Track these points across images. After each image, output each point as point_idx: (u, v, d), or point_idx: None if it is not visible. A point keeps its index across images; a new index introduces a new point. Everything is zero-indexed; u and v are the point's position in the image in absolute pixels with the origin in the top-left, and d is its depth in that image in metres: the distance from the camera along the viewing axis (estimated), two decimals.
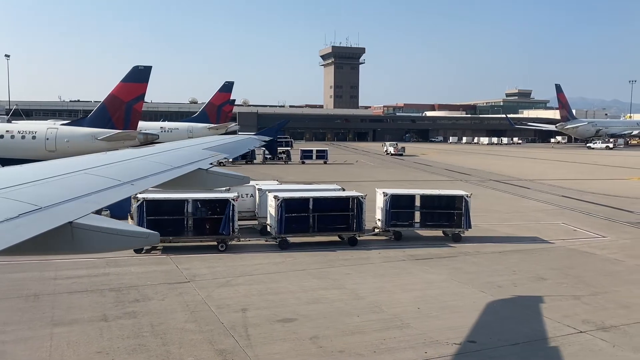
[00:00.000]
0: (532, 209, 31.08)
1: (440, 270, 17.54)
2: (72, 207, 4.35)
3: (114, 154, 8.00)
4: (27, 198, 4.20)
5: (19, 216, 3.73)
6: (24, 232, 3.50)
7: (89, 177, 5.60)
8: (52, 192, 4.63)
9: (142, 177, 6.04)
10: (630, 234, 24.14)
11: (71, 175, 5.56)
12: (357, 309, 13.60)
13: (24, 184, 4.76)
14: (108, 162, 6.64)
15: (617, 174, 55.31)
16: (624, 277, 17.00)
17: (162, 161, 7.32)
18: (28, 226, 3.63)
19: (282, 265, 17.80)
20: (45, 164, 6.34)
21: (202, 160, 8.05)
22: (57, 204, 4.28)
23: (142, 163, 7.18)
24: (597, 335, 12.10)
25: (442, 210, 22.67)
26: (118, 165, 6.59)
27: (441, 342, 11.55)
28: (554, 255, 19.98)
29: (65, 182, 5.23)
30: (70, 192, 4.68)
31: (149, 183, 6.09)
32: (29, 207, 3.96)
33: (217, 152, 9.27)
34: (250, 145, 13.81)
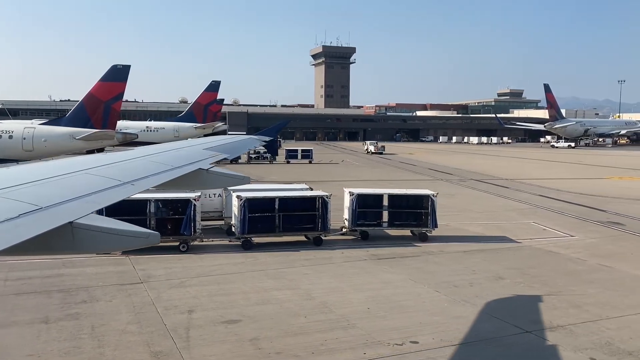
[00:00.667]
0: (506, 209, 31.09)
1: (399, 270, 17.44)
2: (72, 207, 4.35)
3: (115, 154, 8.00)
4: (28, 198, 4.21)
5: (20, 216, 3.73)
6: (24, 232, 3.50)
7: (90, 177, 5.60)
8: (52, 192, 4.64)
9: (143, 177, 6.03)
10: (598, 233, 24.17)
11: (71, 175, 5.57)
12: (305, 309, 13.47)
13: (25, 184, 4.76)
14: (108, 162, 6.65)
15: (599, 173, 55.56)
16: (582, 277, 16.98)
17: (163, 161, 7.32)
18: (28, 226, 3.64)
19: (241, 265, 17.64)
20: (46, 164, 6.34)
21: (202, 160, 8.05)
22: (58, 204, 4.27)
23: (143, 163, 7.19)
24: (542, 335, 12.04)
25: (409, 209, 22.60)
26: (118, 166, 6.60)
27: (383, 342, 11.45)
28: (518, 254, 19.95)
29: (66, 182, 5.24)
30: (70, 192, 4.69)
31: (150, 183, 6.07)
32: (30, 207, 3.96)
33: (217, 152, 9.24)
34: (250, 145, 13.66)
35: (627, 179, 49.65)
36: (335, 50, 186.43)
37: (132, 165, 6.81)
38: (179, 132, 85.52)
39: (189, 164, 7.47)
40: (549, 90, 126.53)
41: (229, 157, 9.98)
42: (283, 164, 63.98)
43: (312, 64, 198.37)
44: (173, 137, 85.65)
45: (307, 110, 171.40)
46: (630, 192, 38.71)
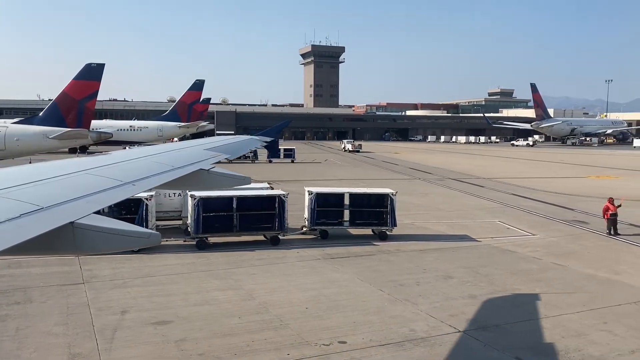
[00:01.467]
0: (475, 207, 31.07)
1: (350, 269, 17.32)
2: (73, 207, 4.35)
3: (116, 154, 8.00)
4: (29, 198, 4.21)
5: (21, 216, 3.74)
6: (25, 232, 3.50)
7: (91, 177, 5.59)
8: (53, 192, 4.64)
9: (144, 177, 6.04)
10: (561, 232, 24.18)
11: (72, 175, 5.57)
12: (242, 310, 13.31)
13: (26, 184, 4.77)
14: (109, 163, 6.66)
15: (580, 172, 55.80)
16: (531, 276, 16.92)
17: (164, 161, 7.33)
18: (29, 226, 3.64)
19: (190, 266, 17.44)
20: (47, 164, 6.40)
21: (203, 160, 8.04)
22: (59, 204, 4.27)
23: (144, 163, 7.19)
24: (475, 334, 11.96)
25: (370, 208, 22.49)
26: (119, 166, 6.62)
27: (311, 342, 11.31)
28: (474, 253, 19.88)
29: (67, 182, 5.25)
30: (71, 192, 4.69)
31: (151, 183, 6.08)
32: (31, 207, 3.96)
33: (218, 153, 9.23)
34: (251, 145, 13.67)
35: (604, 177, 49.87)
36: (325, 49, 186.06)
37: (133, 166, 6.84)
38: (163, 131, 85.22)
39: (190, 164, 7.47)
40: (536, 90, 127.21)
41: (230, 157, 10.03)
42: (265, 164, 63.69)
43: (302, 63, 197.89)
44: (157, 137, 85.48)
45: (295, 110, 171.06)
46: (604, 191, 38.71)
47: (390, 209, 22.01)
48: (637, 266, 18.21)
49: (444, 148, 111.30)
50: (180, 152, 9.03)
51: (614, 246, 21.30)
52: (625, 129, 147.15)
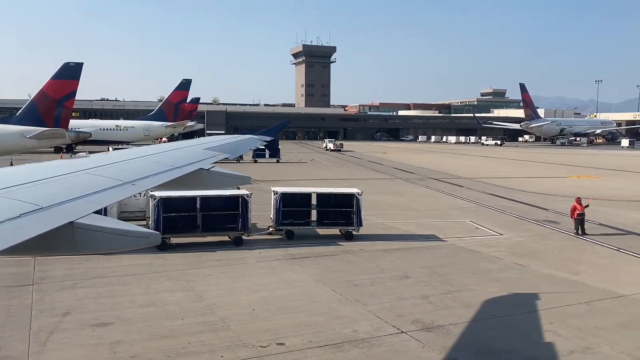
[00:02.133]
0: (450, 207, 31.02)
1: (308, 269, 17.17)
2: (73, 207, 4.35)
3: (115, 154, 7.97)
4: (28, 198, 4.21)
5: (20, 216, 3.73)
6: (25, 232, 3.49)
7: (90, 177, 5.59)
8: (53, 192, 4.63)
9: (144, 177, 6.03)
10: (530, 231, 24.14)
11: (72, 175, 5.57)
12: (187, 311, 13.13)
13: (25, 184, 4.77)
14: (109, 162, 6.68)
15: (563, 172, 55.95)
16: (490, 276, 16.85)
17: (163, 161, 7.33)
18: (29, 226, 3.64)
19: (146, 267, 17.23)
20: (46, 164, 6.43)
21: (203, 160, 8.03)
22: (58, 203, 4.27)
23: (143, 163, 7.20)
24: (416, 335, 11.84)
25: (337, 208, 22.37)
26: (119, 165, 6.62)
27: (248, 344, 11.16)
28: (437, 253, 19.79)
29: (66, 182, 5.24)
30: (71, 192, 4.69)
31: (151, 183, 6.08)
32: (30, 207, 3.96)
33: (218, 152, 9.19)
34: (251, 145, 13.61)
35: (585, 177, 50.03)
36: (316, 49, 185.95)
37: (133, 166, 6.83)
38: (149, 130, 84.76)
39: (190, 163, 7.44)
40: (524, 90, 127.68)
41: (230, 157, 9.97)
42: (250, 164, 63.45)
43: (293, 63, 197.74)
44: (143, 136, 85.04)
45: (287, 110, 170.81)
46: (582, 191, 38.77)
47: (356, 209, 21.90)
48: (597, 266, 18.19)
49: (433, 148, 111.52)
50: (179, 151, 9.03)
51: (579, 246, 21.28)
52: (615, 129, 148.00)
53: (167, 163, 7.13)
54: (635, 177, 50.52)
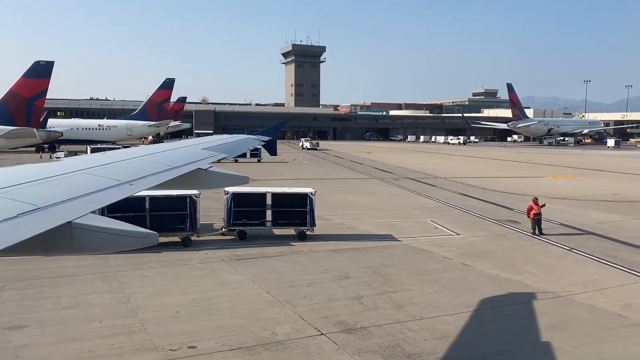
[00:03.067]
0: (416, 207, 30.87)
1: (249, 270, 16.93)
2: (71, 206, 4.33)
3: (113, 154, 7.97)
4: (26, 198, 4.20)
5: (18, 216, 3.72)
6: (22, 232, 3.49)
7: (88, 177, 5.59)
8: (50, 192, 4.63)
9: (141, 176, 6.04)
10: (488, 231, 24.02)
11: (70, 175, 5.56)
12: (109, 314, 12.86)
13: (23, 184, 4.75)
14: (107, 162, 6.68)
15: (541, 171, 56.04)
16: (431, 276, 16.67)
17: (161, 161, 7.34)
18: (27, 226, 3.63)
19: (86, 267, 16.93)
20: (44, 164, 6.41)
21: (201, 160, 8.02)
22: (56, 203, 4.26)
23: (141, 163, 7.23)
24: (335, 337, 11.64)
25: (291, 208, 22.16)
26: (116, 165, 6.63)
27: (159, 348, 10.92)
28: (386, 253, 19.60)
29: (64, 182, 5.24)
30: (69, 192, 4.68)
31: (148, 183, 6.05)
32: (28, 207, 3.95)
33: (216, 152, 9.18)
34: (249, 145, 13.54)
35: (561, 177, 50.11)
36: (305, 48, 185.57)
37: (131, 165, 6.85)
38: (132, 130, 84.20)
39: (188, 163, 7.45)
40: (512, 89, 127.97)
41: (228, 157, 9.97)
42: (230, 163, 62.97)
43: (283, 63, 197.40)
44: (126, 135, 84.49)
45: (276, 109, 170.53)
46: (553, 190, 38.95)
47: (309, 208, 21.71)
48: (544, 266, 18.07)
49: (419, 148, 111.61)
50: (177, 151, 9.06)
51: (532, 246, 21.16)
52: (602, 129, 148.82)
53: (165, 163, 7.15)
54: (611, 177, 50.66)
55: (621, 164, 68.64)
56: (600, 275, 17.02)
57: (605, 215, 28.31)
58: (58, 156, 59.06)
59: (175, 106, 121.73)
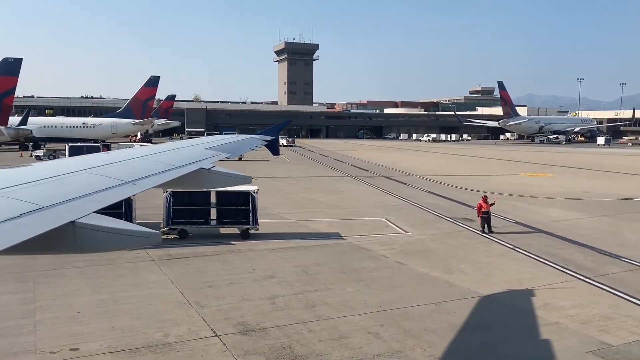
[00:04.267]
0: (378, 205, 30.56)
1: (174, 270, 16.61)
2: (74, 206, 4.35)
3: (116, 153, 8.07)
4: (29, 197, 4.22)
5: (21, 215, 3.74)
6: (26, 232, 3.50)
7: (91, 177, 5.60)
8: (54, 192, 4.64)
9: (144, 176, 6.06)
10: (438, 229, 23.71)
11: (73, 175, 5.58)
12: (7, 315, 12.56)
13: (26, 184, 4.78)
14: (109, 162, 6.72)
15: (519, 169, 55.77)
16: (358, 275, 16.34)
17: (164, 161, 7.38)
18: (30, 226, 3.64)
19: (10, 267, 16.56)
20: (47, 164, 6.48)
21: (203, 159, 8.03)
22: (59, 203, 4.27)
23: (144, 163, 7.26)
24: (228, 339, 11.32)
25: (236, 207, 21.86)
26: (119, 165, 6.67)
27: (39, 350, 10.60)
28: (324, 251, 19.26)
29: (67, 181, 5.27)
30: (72, 192, 4.68)
31: (151, 182, 6.05)
32: (31, 207, 3.97)
33: (218, 152, 9.20)
34: (252, 144, 13.51)
35: (537, 175, 49.83)
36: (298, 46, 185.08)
37: (133, 165, 6.88)
38: (117, 128, 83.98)
39: (190, 163, 7.47)
40: (503, 87, 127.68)
41: (231, 156, 9.93)
42: None
43: (276, 61, 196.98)
44: (110, 134, 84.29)
45: (269, 107, 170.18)
46: (523, 188, 38.68)
47: (252, 207, 21.41)
48: (479, 265, 17.75)
49: (408, 146, 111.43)
50: (180, 151, 9.11)
51: (477, 244, 20.84)
52: (594, 127, 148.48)
53: (168, 162, 7.16)
54: (588, 175, 50.39)
55: (604, 161, 68.38)
56: (532, 274, 16.71)
57: (564, 213, 28.00)
58: (37, 154, 58.77)
59: (165, 104, 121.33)
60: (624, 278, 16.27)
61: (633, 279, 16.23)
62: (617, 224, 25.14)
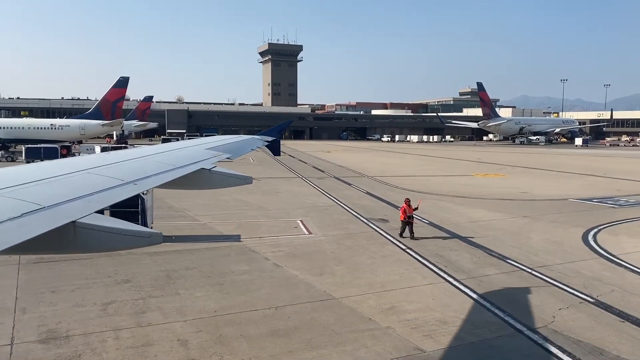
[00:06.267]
0: (303, 206, 30.02)
1: (29, 275, 15.90)
2: (75, 206, 4.33)
3: (117, 154, 8.03)
4: (30, 197, 4.21)
5: (22, 215, 3.75)
6: (27, 232, 3.51)
7: (92, 177, 5.61)
8: (55, 192, 4.64)
9: (145, 176, 6.06)
10: (345, 231, 23.13)
11: (74, 174, 5.58)
12: None
13: (27, 184, 4.78)
14: (110, 162, 6.71)
15: (476, 170, 55.43)
16: (223, 279, 15.74)
17: (165, 161, 7.37)
18: (31, 225, 3.65)
19: None
20: (48, 164, 6.46)
21: (204, 160, 8.04)
22: (60, 203, 4.25)
23: (145, 163, 7.27)
24: (19, 347, 10.69)
25: (125, 208, 21.22)
26: (120, 165, 6.67)
27: None
28: (209, 254, 18.59)
29: (68, 181, 5.27)
30: (73, 192, 4.68)
31: (152, 182, 6.06)
32: (32, 207, 3.97)
33: (219, 152, 9.24)
34: (254, 145, 13.37)
35: (491, 175, 49.47)
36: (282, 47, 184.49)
37: (134, 165, 6.90)
38: (85, 129, 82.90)
39: (191, 163, 7.46)
40: (482, 88, 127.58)
41: (232, 157, 9.84)
42: None
43: (260, 62, 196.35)
44: (79, 135, 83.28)
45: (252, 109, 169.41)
46: (462, 189, 38.25)
47: (141, 209, 20.80)
48: (356, 267, 17.18)
49: (386, 147, 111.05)
50: (181, 151, 9.15)
51: (369, 246, 20.21)
52: (576, 128, 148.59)
53: (168, 163, 7.17)
54: (542, 176, 50.11)
55: (572, 162, 68.24)
56: (401, 276, 16.19)
57: (486, 214, 27.53)
58: None
59: (142, 105, 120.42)
60: (493, 280, 15.78)
61: (501, 280, 15.75)
62: (531, 224, 24.69)
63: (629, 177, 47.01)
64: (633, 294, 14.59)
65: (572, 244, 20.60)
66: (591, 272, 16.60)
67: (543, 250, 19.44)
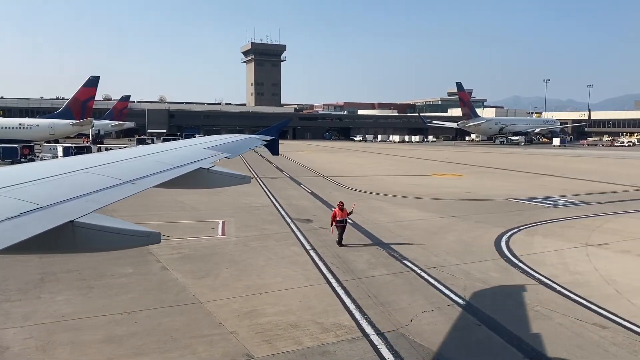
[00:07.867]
0: (237, 206, 29.53)
1: None
2: (73, 206, 4.32)
3: (115, 153, 7.92)
4: (28, 197, 4.20)
5: (20, 215, 3.73)
6: (25, 231, 3.48)
7: (90, 176, 5.61)
8: (53, 191, 4.63)
9: (143, 176, 6.03)
10: (261, 232, 22.66)
11: (72, 174, 5.57)
12: None
13: (25, 183, 4.76)
14: (109, 162, 6.70)
15: (438, 170, 55.23)
16: (100, 282, 15.20)
17: (163, 160, 7.35)
18: (29, 225, 3.62)
19: None
20: (46, 163, 6.46)
21: (203, 159, 8.03)
22: (58, 202, 4.26)
23: (143, 162, 7.25)
24: None
25: None
26: (119, 165, 6.67)
27: None
28: (102, 256, 18.10)
29: (67, 181, 5.25)
30: (71, 191, 4.67)
31: (150, 182, 5.97)
32: (30, 206, 3.97)
33: (218, 152, 9.27)
34: (252, 144, 12.78)
35: (448, 175, 49.24)
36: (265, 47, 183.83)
37: (132, 165, 6.90)
38: (55, 129, 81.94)
39: (190, 163, 7.45)
40: (461, 88, 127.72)
41: (231, 156, 9.73)
42: None
43: (243, 61, 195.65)
44: (48, 134, 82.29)
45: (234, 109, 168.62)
46: (407, 189, 37.94)
47: None
48: (244, 268, 16.71)
49: (363, 147, 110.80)
50: (179, 151, 9.15)
51: (275, 247, 19.73)
52: (557, 128, 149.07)
53: (167, 162, 7.15)
54: (499, 176, 49.96)
55: (539, 162, 68.26)
56: (285, 277, 15.77)
57: (416, 214, 27.20)
58: None
59: (119, 105, 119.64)
60: (375, 282, 15.37)
61: (383, 282, 15.36)
62: (454, 225, 24.36)
63: (585, 177, 46.95)
64: (507, 296, 14.27)
65: (482, 245, 20.29)
66: (480, 274, 16.27)
67: (447, 251, 19.10)
